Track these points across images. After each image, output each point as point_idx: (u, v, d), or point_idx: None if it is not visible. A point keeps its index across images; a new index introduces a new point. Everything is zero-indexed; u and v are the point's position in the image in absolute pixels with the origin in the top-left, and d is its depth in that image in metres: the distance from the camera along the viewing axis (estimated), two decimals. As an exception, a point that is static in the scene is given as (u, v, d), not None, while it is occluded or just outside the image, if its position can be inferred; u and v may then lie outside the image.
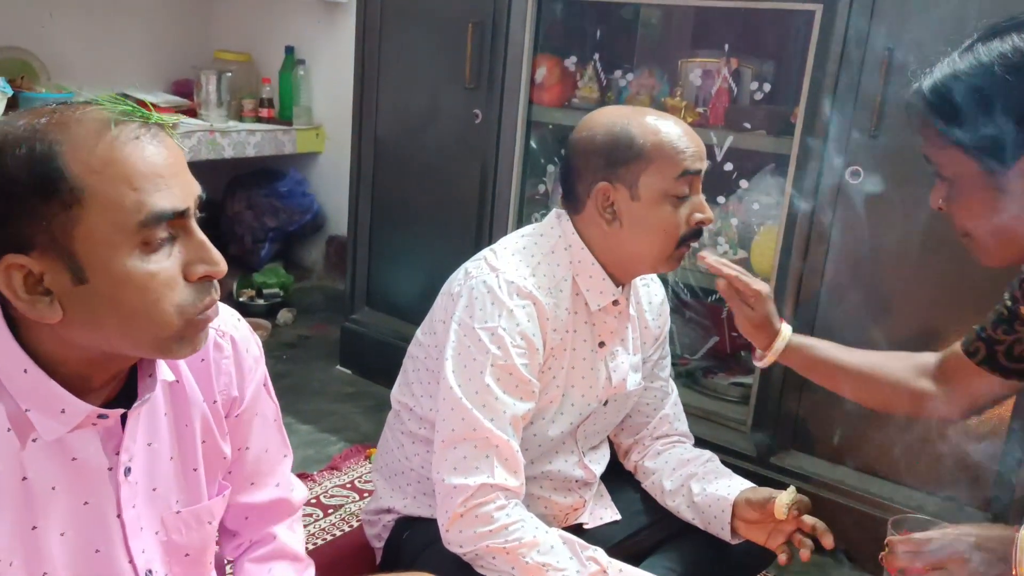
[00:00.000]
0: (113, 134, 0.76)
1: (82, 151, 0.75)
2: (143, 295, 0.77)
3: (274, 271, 3.41)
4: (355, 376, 2.79)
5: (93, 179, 0.74)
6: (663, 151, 1.27)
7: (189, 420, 0.95)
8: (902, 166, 1.76)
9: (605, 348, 1.40)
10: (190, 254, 0.80)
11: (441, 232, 2.48)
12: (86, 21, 3.22)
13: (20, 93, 2.79)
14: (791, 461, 2.01)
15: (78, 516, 0.85)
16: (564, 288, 1.33)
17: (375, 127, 2.57)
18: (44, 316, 0.76)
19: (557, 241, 1.35)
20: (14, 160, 0.74)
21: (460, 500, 1.22)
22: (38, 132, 0.75)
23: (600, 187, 1.29)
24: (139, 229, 0.76)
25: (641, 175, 1.28)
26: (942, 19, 1.67)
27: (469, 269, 1.35)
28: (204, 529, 0.98)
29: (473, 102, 2.32)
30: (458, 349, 1.27)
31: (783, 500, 1.31)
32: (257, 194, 3.43)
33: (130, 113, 0.78)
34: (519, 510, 1.24)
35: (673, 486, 1.47)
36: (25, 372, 0.79)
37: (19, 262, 0.74)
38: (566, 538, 1.24)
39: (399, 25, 2.46)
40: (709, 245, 2.24)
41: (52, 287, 0.76)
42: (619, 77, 2.34)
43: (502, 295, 1.27)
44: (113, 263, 0.76)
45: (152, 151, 0.77)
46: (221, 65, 3.35)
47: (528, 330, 1.27)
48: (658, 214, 1.29)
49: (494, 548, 1.21)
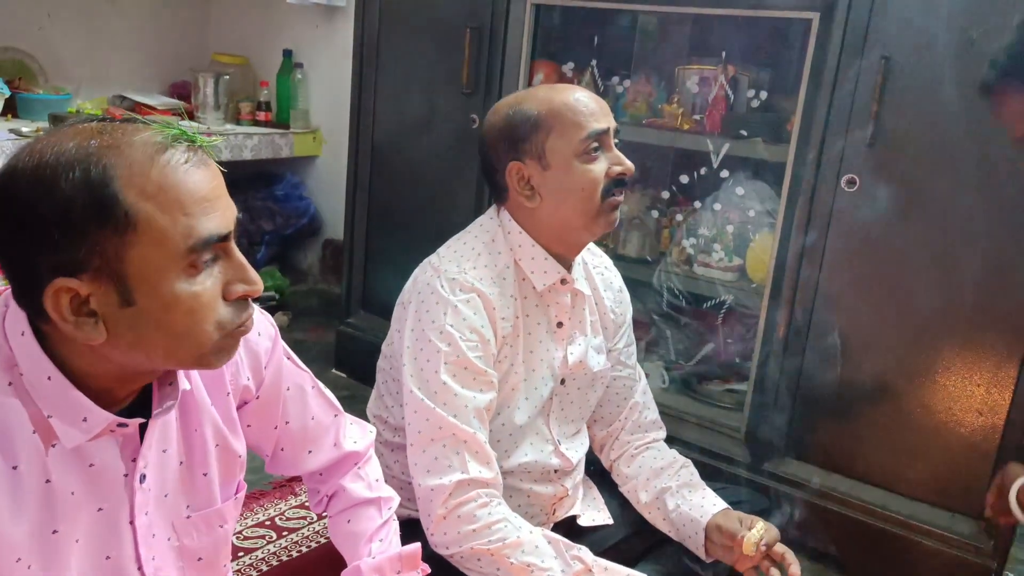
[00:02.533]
0: (165, 159, 0.77)
1: (137, 176, 0.75)
2: (189, 316, 0.78)
3: (270, 274, 3.40)
4: (350, 380, 2.78)
5: (147, 205, 0.74)
6: (561, 116, 1.29)
7: (199, 425, 0.95)
8: (897, 175, 1.77)
9: (564, 328, 1.41)
10: (229, 274, 0.82)
11: (437, 236, 2.44)
12: (84, 22, 3.22)
13: (18, 94, 2.80)
14: (785, 468, 2.01)
15: (93, 522, 0.85)
16: (507, 276, 1.35)
17: (372, 131, 2.58)
18: (90, 338, 0.76)
19: (496, 231, 1.37)
20: (68, 184, 0.73)
21: (440, 501, 1.23)
22: (91, 155, 0.74)
23: (511, 167, 1.31)
24: (188, 254, 0.77)
25: (545, 143, 1.29)
26: (939, 28, 1.68)
27: (416, 276, 1.38)
28: (216, 533, 0.98)
29: (470, 107, 2.33)
30: (413, 353, 1.29)
31: (751, 540, 1.33)
32: (253, 197, 3.43)
33: (180, 137, 0.79)
34: (502, 508, 1.25)
35: (648, 498, 1.49)
36: (49, 379, 0.79)
37: (69, 285, 0.74)
38: (551, 537, 1.25)
39: (397, 30, 2.46)
40: (705, 251, 2.25)
41: (98, 309, 0.76)
42: (616, 83, 2.34)
43: (445, 293, 1.29)
44: (162, 286, 0.76)
45: (200, 176, 0.79)
46: (219, 68, 3.36)
47: (476, 323, 1.28)
48: (572, 175, 1.29)
49: (479, 550, 1.22)
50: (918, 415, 1.82)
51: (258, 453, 1.10)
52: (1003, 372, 1.72)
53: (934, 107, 1.71)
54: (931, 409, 1.81)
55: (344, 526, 1.15)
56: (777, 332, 1.96)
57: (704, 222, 2.25)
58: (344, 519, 1.15)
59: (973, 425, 1.77)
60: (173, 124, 0.80)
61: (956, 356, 1.77)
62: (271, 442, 1.09)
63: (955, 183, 1.71)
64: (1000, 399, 1.73)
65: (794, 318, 1.93)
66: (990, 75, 1.40)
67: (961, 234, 1.72)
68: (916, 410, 1.83)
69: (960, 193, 1.71)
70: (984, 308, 1.73)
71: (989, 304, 1.72)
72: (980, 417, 1.76)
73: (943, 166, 1.72)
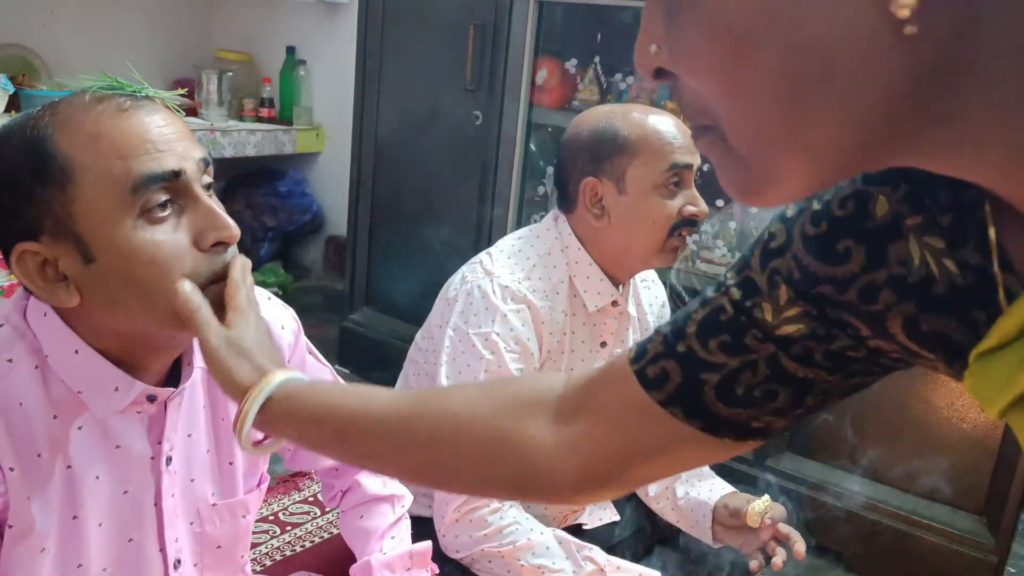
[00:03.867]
0: (100, 108, 0.77)
1: (70, 129, 0.76)
2: (151, 267, 0.75)
3: (273, 271, 3.41)
4: (353, 376, 2.78)
5: (82, 154, 0.75)
6: (649, 144, 1.26)
7: (226, 413, 0.95)
8: (899, 171, 1.77)
9: (607, 348, 1.40)
10: (199, 222, 0.78)
11: (440, 233, 2.49)
12: (87, 19, 3.22)
13: (21, 90, 2.80)
14: (787, 463, 2.02)
15: (117, 505, 0.85)
16: (561, 291, 1.32)
17: (375, 128, 2.58)
18: (64, 301, 0.77)
19: (554, 243, 1.34)
20: (11, 150, 0.76)
21: (453, 506, 1.23)
22: (31, 119, 0.77)
23: (587, 182, 1.29)
24: (132, 195, 0.75)
25: (627, 168, 1.27)
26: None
27: (465, 274, 1.34)
28: (238, 522, 0.99)
29: (473, 104, 2.33)
30: (452, 355, 1.27)
31: (756, 509, 1.32)
32: (257, 194, 3.43)
33: (116, 88, 0.80)
34: (513, 511, 1.25)
35: (657, 490, 1.48)
36: (76, 353, 0.79)
37: (31, 249, 0.75)
38: (561, 538, 1.25)
39: (400, 26, 2.47)
40: (707, 247, 2.25)
41: (66, 271, 0.76)
42: (619, 80, 2.34)
43: (496, 300, 1.26)
44: (116, 237, 0.75)
45: (140, 119, 0.77)
46: (222, 64, 3.36)
47: (522, 334, 1.26)
48: (646, 206, 1.27)
49: (490, 552, 1.22)
50: (920, 410, 1.83)
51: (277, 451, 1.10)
52: (1005, 368, 1.72)
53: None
54: (933, 404, 1.81)
55: (356, 522, 1.15)
56: (779, 328, 1.96)
57: (707, 219, 2.25)
58: (357, 514, 1.15)
59: (975, 420, 1.77)
60: (111, 79, 0.80)
61: (958, 352, 1.77)
62: None
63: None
64: (1002, 395, 1.73)
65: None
66: None
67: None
68: (918, 405, 1.83)
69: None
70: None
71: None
72: (982, 412, 1.76)
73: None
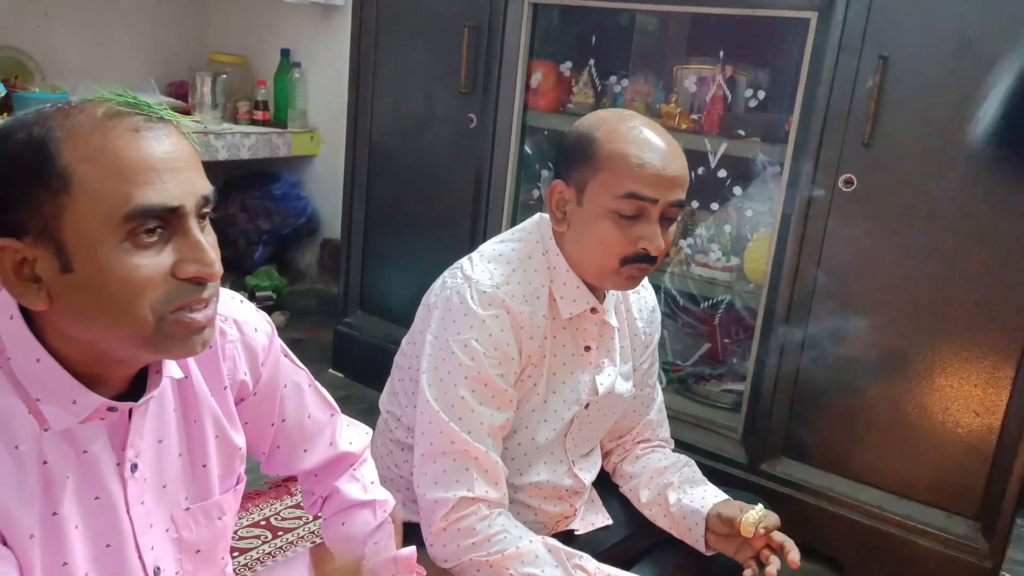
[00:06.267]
0: (112, 124, 0.75)
1: (77, 138, 0.74)
2: (122, 286, 0.75)
3: (267, 274, 3.40)
4: (347, 380, 2.78)
5: (84, 167, 0.74)
6: (614, 164, 1.20)
7: (198, 416, 0.94)
8: (895, 175, 1.77)
9: (591, 352, 1.37)
10: (184, 252, 0.77)
11: (435, 236, 2.48)
12: (81, 21, 3.21)
13: (14, 92, 2.79)
14: (782, 468, 2.01)
15: (91, 510, 0.85)
16: (541, 294, 1.30)
17: (370, 131, 2.57)
18: (32, 303, 0.76)
19: (535, 246, 1.32)
20: (14, 144, 0.74)
21: (441, 514, 1.21)
22: (41, 118, 0.75)
23: (555, 184, 1.27)
24: (124, 222, 0.74)
25: (589, 181, 1.22)
26: (938, 27, 1.68)
27: (446, 279, 1.32)
28: (214, 525, 0.98)
29: (468, 106, 2.33)
30: (433, 362, 1.25)
31: (750, 519, 1.30)
32: (251, 196, 3.42)
33: (133, 105, 0.77)
34: (502, 519, 1.23)
35: (649, 496, 1.46)
36: (38, 362, 0.78)
37: (13, 246, 0.74)
38: (551, 546, 1.23)
39: (395, 29, 2.46)
40: (702, 251, 2.25)
41: (42, 274, 0.75)
42: (614, 83, 2.34)
43: (474, 305, 1.24)
44: (98, 254, 0.74)
45: (150, 144, 0.76)
46: (216, 67, 3.35)
47: (502, 339, 1.24)
48: (597, 226, 1.22)
49: (477, 561, 1.20)
50: (915, 415, 1.82)
51: (253, 453, 1.09)
52: (1000, 372, 1.72)
53: (932, 107, 1.71)
54: (928, 409, 1.81)
55: (339, 529, 1.14)
56: (775, 332, 1.96)
57: (701, 222, 2.25)
58: (338, 521, 1.14)
59: (970, 425, 1.77)
60: (130, 96, 0.78)
61: (953, 356, 1.77)
62: (267, 439, 1.08)
63: (952, 183, 1.71)
64: (997, 399, 1.73)
65: (791, 318, 1.93)
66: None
67: (958, 234, 1.72)
68: (913, 410, 1.82)
69: (957, 193, 1.71)
70: (981, 308, 1.73)
71: (986, 304, 1.72)
72: (977, 417, 1.76)
73: (940, 166, 1.72)
